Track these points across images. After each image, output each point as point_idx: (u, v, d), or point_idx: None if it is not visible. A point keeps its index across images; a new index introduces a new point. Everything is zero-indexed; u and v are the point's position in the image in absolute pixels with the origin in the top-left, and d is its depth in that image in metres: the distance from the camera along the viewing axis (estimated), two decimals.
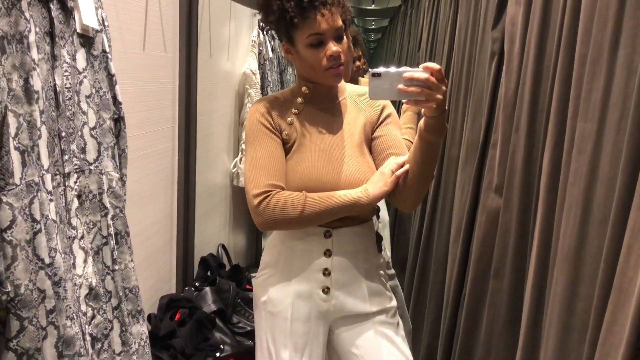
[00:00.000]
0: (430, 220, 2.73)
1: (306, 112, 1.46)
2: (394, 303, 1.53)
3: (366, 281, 1.47)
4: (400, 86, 1.18)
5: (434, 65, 1.18)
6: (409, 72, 1.17)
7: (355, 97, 1.51)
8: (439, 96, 1.20)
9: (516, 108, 1.70)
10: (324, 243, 1.43)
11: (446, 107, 1.26)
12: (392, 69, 1.20)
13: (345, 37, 1.40)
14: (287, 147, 1.43)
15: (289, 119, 1.43)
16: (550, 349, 1.34)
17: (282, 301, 1.44)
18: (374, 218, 1.61)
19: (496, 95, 1.89)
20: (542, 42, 1.56)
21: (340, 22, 1.36)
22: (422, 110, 1.26)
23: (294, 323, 1.43)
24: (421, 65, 1.19)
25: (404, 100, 1.25)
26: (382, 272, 1.55)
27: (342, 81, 1.47)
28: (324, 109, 1.47)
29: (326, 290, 1.43)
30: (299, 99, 1.46)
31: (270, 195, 1.32)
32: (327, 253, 1.43)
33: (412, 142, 1.37)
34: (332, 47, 1.34)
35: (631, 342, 0.89)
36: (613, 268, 1.02)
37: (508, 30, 1.79)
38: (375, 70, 1.20)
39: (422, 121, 1.29)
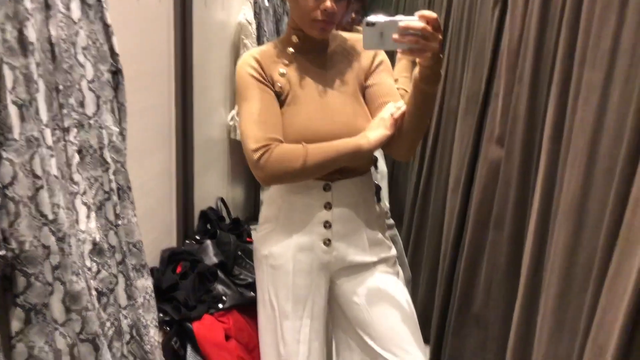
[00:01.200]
0: (429, 171, 2.73)
1: (298, 63, 1.42)
2: (393, 252, 1.54)
3: (366, 231, 1.48)
4: (395, 35, 1.15)
5: (430, 14, 1.15)
6: (404, 21, 1.14)
7: (346, 45, 1.48)
8: (435, 45, 1.17)
9: (519, 57, 1.67)
10: (323, 196, 1.43)
11: (441, 56, 1.23)
12: (387, 18, 1.17)
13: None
14: (281, 99, 1.40)
15: (281, 70, 1.40)
16: (551, 297, 1.36)
17: (283, 255, 1.45)
18: (372, 169, 1.60)
19: (499, 44, 1.85)
20: None
21: None
22: (417, 59, 1.23)
23: (296, 275, 1.44)
24: (417, 14, 1.15)
25: (398, 50, 1.22)
26: (381, 222, 1.56)
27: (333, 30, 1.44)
28: (315, 59, 1.44)
29: (327, 242, 1.43)
30: (290, 49, 1.42)
31: (270, 148, 1.30)
32: (328, 206, 1.43)
33: (407, 91, 1.35)
34: (328, 2, 1.31)
35: (636, 290, 0.90)
36: (619, 218, 1.02)
37: None
38: (369, 19, 1.17)
39: (416, 70, 1.27)
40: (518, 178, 1.68)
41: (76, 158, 1.10)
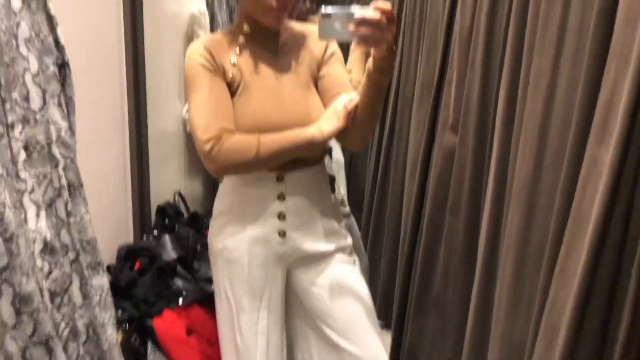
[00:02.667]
0: (386, 159, 2.75)
1: (249, 52, 1.40)
2: (349, 241, 1.55)
3: (322, 221, 1.48)
4: (351, 27, 1.15)
5: (385, 5, 1.15)
6: (359, 12, 1.14)
7: (298, 35, 1.47)
8: (389, 37, 1.17)
9: (471, 44, 1.70)
10: (277, 187, 1.42)
11: (395, 48, 1.23)
12: (342, 9, 1.17)
13: None
14: (232, 89, 1.37)
15: (232, 59, 1.37)
16: (507, 279, 1.40)
17: (237, 248, 1.43)
18: (327, 158, 1.60)
19: (451, 31, 1.88)
20: None
21: None
22: (372, 50, 1.24)
23: (252, 269, 1.43)
24: (372, 4, 1.15)
25: (353, 41, 1.22)
26: (336, 211, 1.56)
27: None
28: (267, 48, 1.42)
29: (282, 233, 1.42)
30: (241, 38, 1.39)
31: (221, 139, 1.28)
32: (281, 197, 1.42)
33: (360, 83, 1.35)
34: None
35: (587, 269, 0.93)
36: (569, 200, 1.05)
37: None
38: (325, 11, 1.17)
39: (369, 62, 1.27)
40: (472, 164, 1.71)
41: (22, 155, 1.06)
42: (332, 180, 1.59)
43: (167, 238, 2.09)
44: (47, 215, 1.12)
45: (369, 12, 1.14)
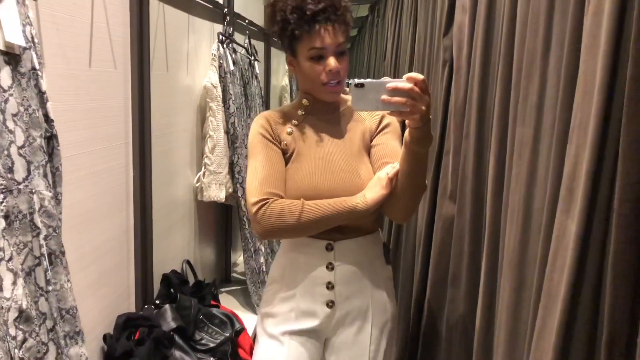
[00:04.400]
0: (398, 230, 2.72)
1: (307, 123, 1.47)
2: (393, 312, 1.55)
3: (372, 293, 1.48)
4: (384, 97, 1.16)
5: (418, 76, 1.16)
6: (392, 82, 1.16)
7: None
8: (423, 107, 1.18)
9: (465, 115, 1.71)
10: (325, 256, 1.43)
11: (430, 117, 1.24)
12: (375, 80, 1.19)
13: (346, 54, 1.41)
14: (287, 156, 1.43)
15: (289, 129, 1.44)
16: (500, 357, 1.33)
17: (281, 323, 1.46)
18: (379, 230, 1.59)
19: (449, 102, 1.89)
20: (487, 48, 1.57)
21: (342, 39, 1.37)
22: (406, 121, 1.24)
23: (290, 349, 1.44)
24: (404, 76, 1.17)
25: (387, 112, 1.23)
26: (389, 283, 1.56)
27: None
28: (323, 119, 1.48)
29: (330, 304, 1.42)
30: (300, 111, 1.47)
31: (267, 202, 1.32)
32: (330, 266, 1.42)
33: None
34: (332, 62, 1.35)
35: (559, 347, 0.88)
36: (544, 273, 1.01)
37: (456, 37, 1.79)
38: (358, 80, 1.19)
39: (407, 132, 1.28)
40: (470, 233, 1.68)
41: (2, 223, 1.09)
42: (386, 250, 1.57)
43: (167, 307, 2.08)
44: (25, 283, 1.14)
45: (401, 82, 1.16)
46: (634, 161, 0.77)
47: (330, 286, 1.42)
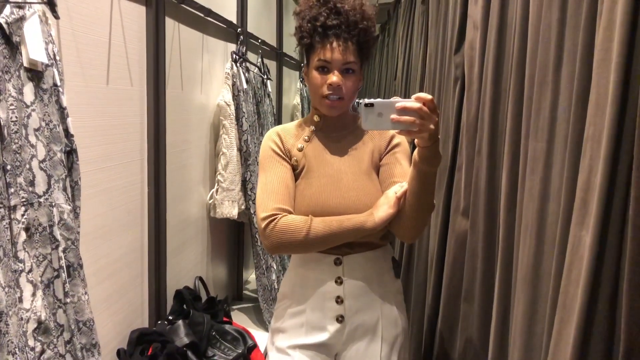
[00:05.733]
0: (410, 246, 2.72)
1: (317, 140, 1.49)
2: (403, 326, 1.55)
3: (382, 307, 1.48)
4: (393, 116, 1.18)
5: (426, 96, 1.18)
6: (401, 102, 1.18)
7: None
8: (432, 126, 1.19)
9: (478, 131, 1.72)
10: (334, 270, 1.44)
11: (439, 137, 1.25)
12: (384, 100, 1.21)
13: (355, 73, 1.42)
14: (297, 172, 1.45)
15: (299, 145, 1.47)
16: None
17: (296, 329, 1.47)
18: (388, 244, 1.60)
19: (460, 119, 1.91)
20: (499, 65, 1.58)
21: (352, 58, 1.39)
22: (415, 140, 1.26)
23: (303, 350, 1.45)
24: (413, 96, 1.19)
25: (396, 131, 1.25)
26: (398, 297, 1.56)
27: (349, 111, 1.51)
28: (334, 136, 1.50)
29: (340, 318, 1.42)
30: (311, 127, 1.50)
31: (276, 218, 1.34)
32: (338, 280, 1.43)
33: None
34: (333, 77, 1.37)
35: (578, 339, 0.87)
36: (559, 287, 1.01)
37: (467, 54, 1.81)
38: (367, 100, 1.20)
39: (415, 152, 1.29)
40: (483, 249, 1.67)
41: (23, 236, 1.11)
42: (396, 264, 1.58)
43: (180, 323, 2.09)
44: (44, 295, 1.16)
45: (410, 102, 1.17)
46: None
47: (339, 300, 1.42)
